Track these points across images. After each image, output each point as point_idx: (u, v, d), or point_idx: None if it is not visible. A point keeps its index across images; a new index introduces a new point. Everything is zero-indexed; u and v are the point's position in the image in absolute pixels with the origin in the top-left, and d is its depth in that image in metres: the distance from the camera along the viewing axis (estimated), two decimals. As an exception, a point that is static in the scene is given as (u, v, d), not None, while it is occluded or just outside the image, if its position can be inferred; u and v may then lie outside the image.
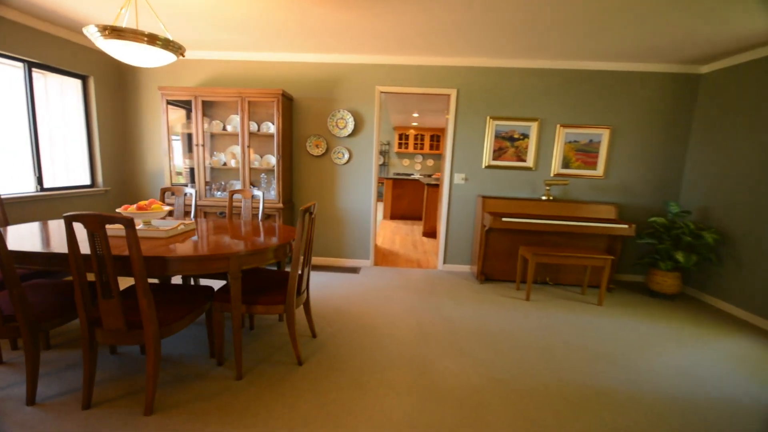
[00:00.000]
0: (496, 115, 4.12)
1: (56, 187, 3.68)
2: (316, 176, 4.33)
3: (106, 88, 4.12)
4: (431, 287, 3.77)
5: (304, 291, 2.39)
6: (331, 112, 4.17)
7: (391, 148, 11.59)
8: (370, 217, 4.35)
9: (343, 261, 4.45)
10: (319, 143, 4.23)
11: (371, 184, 4.29)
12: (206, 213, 4.02)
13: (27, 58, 3.28)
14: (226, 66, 4.21)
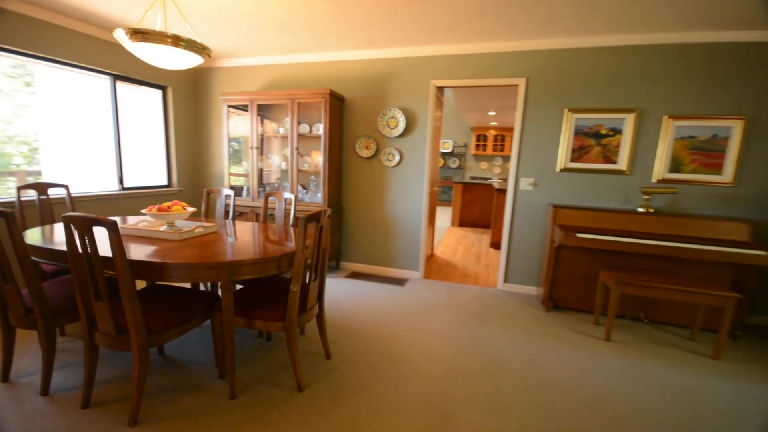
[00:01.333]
0: (577, 106, 3.37)
1: (136, 187, 4.10)
2: (365, 179, 4.10)
3: (182, 96, 4.49)
4: (483, 310, 3.22)
5: (312, 307, 2.14)
6: (381, 111, 3.90)
7: (468, 150, 10.90)
8: (421, 224, 3.95)
9: (389, 271, 4.14)
10: (368, 144, 4.00)
11: (423, 188, 3.90)
12: (258, 215, 4.08)
13: (112, 72, 3.70)
14: (282, 70, 4.25)
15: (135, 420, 1.72)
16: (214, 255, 1.86)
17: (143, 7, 2.92)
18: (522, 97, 3.50)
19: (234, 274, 1.81)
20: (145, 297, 2.00)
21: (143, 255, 1.81)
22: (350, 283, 3.77)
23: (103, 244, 1.87)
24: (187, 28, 3.05)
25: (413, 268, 4.06)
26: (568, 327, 2.95)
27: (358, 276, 4.02)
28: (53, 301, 1.92)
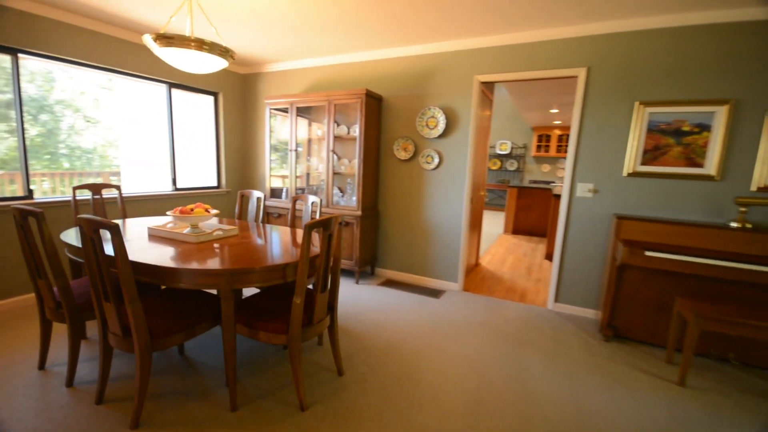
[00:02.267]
0: (651, 99, 2.83)
1: (188, 188, 4.35)
2: (403, 182, 3.90)
3: (232, 102, 4.68)
4: (525, 333, 2.83)
5: (321, 320, 2.00)
6: (420, 111, 3.67)
7: (528, 151, 10.13)
8: (461, 232, 3.64)
9: (425, 281, 3.88)
10: (406, 146, 3.79)
11: (463, 193, 3.59)
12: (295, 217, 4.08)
13: (168, 80, 3.95)
14: (323, 72, 4.21)
15: (136, 423, 1.71)
16: (217, 261, 1.80)
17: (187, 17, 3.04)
18: (581, 89, 3.04)
19: (234, 283, 1.73)
20: (155, 299, 2.02)
21: (151, 258, 1.81)
22: (382, 292, 3.59)
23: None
24: (212, 32, 3.09)
25: (451, 279, 3.76)
26: (631, 363, 2.46)
27: (392, 284, 3.83)
28: (79, 297, 2.02)
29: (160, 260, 1.78)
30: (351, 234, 3.75)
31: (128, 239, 2.20)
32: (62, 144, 3.83)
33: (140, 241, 2.17)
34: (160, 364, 2.23)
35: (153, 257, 1.83)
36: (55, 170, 3.93)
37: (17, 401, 1.84)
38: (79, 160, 3.47)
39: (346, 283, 3.80)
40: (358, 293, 3.52)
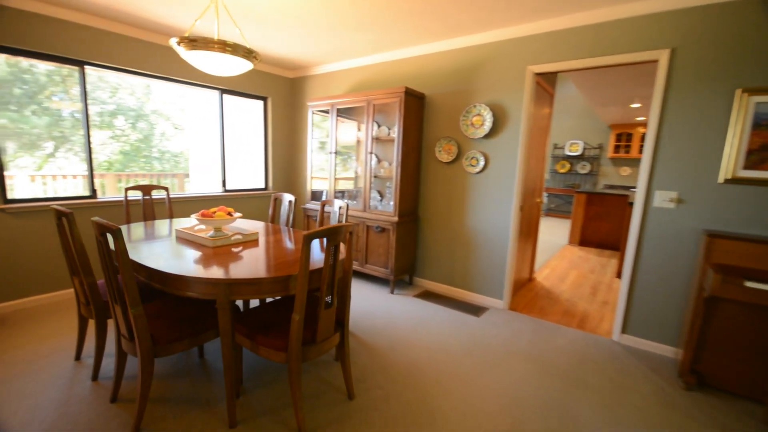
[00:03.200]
0: (758, 85, 2.21)
1: (236, 189, 4.52)
2: (445, 186, 3.60)
3: (280, 106, 4.78)
4: (580, 370, 2.38)
5: (326, 339, 1.82)
6: (465, 109, 3.34)
7: (604, 152, 9.04)
8: (508, 242, 3.24)
9: (467, 295, 3.53)
10: (449, 147, 3.49)
11: (512, 199, 3.18)
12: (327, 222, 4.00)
13: (220, 87, 4.13)
14: (366, 72, 4.08)
15: (137, 428, 1.70)
16: (218, 269, 1.72)
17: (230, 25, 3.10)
18: (662, 76, 2.49)
19: (232, 294, 1.63)
20: (163, 304, 2.00)
21: (161, 263, 1.80)
22: (417, 305, 3.33)
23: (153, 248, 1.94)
24: (243, 35, 3.08)
25: (495, 296, 3.36)
26: (719, 422, 1.91)
27: (429, 297, 3.55)
28: (105, 296, 2.09)
29: (164, 265, 1.75)
30: (387, 241, 3.55)
31: (155, 241, 2.25)
32: (155, 148, 4.28)
33: (164, 243, 2.20)
34: (179, 364, 2.24)
35: (163, 262, 1.81)
36: (148, 171, 4.39)
37: (46, 391, 1.95)
38: (168, 163, 3.81)
39: (379, 291, 3.61)
40: (391, 304, 3.31)
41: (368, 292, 3.59)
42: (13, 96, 2.88)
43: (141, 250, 2.03)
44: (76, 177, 3.30)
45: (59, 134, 3.08)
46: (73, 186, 3.40)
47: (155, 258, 1.87)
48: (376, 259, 3.66)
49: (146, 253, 1.97)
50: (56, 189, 3.41)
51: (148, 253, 1.95)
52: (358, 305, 3.25)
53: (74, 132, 3.18)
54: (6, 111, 2.86)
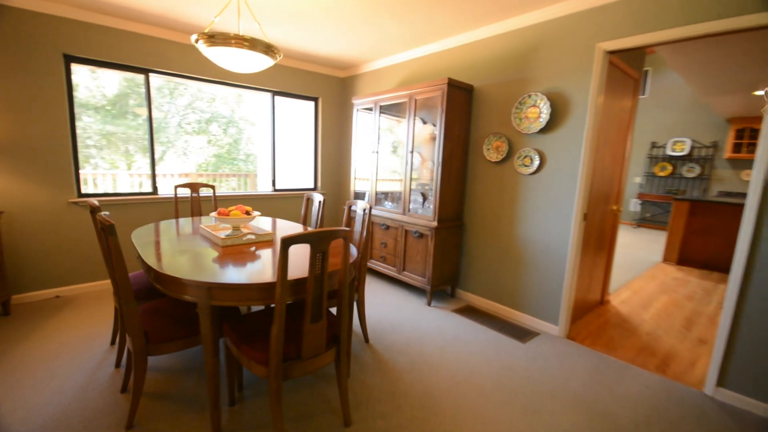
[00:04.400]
0: None
1: (285, 189, 4.61)
2: (493, 189, 3.17)
3: (330, 106, 4.76)
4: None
5: (316, 356, 1.63)
6: (518, 100, 2.89)
7: (720, 152, 7.44)
8: (567, 256, 2.71)
9: (515, 315, 3.05)
10: (499, 145, 3.06)
11: (572, 205, 2.65)
12: (373, 223, 3.82)
13: (272, 89, 4.24)
14: (412, 66, 3.83)
15: (131, 424, 1.70)
16: (201, 271, 1.64)
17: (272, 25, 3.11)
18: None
19: (212, 298, 1.53)
20: (167, 304, 1.98)
21: (155, 260, 1.78)
22: (454, 321, 2.97)
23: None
24: (269, 32, 3.02)
25: (549, 319, 2.84)
26: None
27: (470, 313, 3.15)
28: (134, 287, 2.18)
29: (160, 262, 1.73)
30: (425, 248, 3.25)
31: (179, 237, 2.30)
32: (242, 151, 4.67)
33: (183, 240, 2.23)
34: (197, 360, 2.25)
35: (166, 259, 1.80)
36: (236, 172, 4.79)
37: (73, 374, 2.08)
38: (253, 164, 4.12)
39: (415, 302, 3.32)
40: (424, 318, 3.00)
41: (402, 301, 3.33)
42: (129, 106, 3.35)
43: (157, 245, 2.07)
44: (165, 176, 3.69)
45: (165, 139, 3.56)
46: (166, 183, 3.79)
47: (164, 254, 1.87)
48: (414, 266, 3.38)
49: (162, 248, 1.99)
50: (142, 184, 3.83)
51: (162, 249, 1.97)
52: (387, 315, 3.01)
53: (177, 137, 3.59)
54: (123, 120, 3.31)
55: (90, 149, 3.60)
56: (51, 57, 2.92)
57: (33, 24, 2.80)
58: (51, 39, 2.89)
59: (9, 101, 2.78)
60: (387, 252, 3.65)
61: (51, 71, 2.93)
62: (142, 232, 2.39)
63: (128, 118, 3.46)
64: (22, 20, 2.75)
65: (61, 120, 3.01)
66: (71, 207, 3.16)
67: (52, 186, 3.04)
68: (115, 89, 3.45)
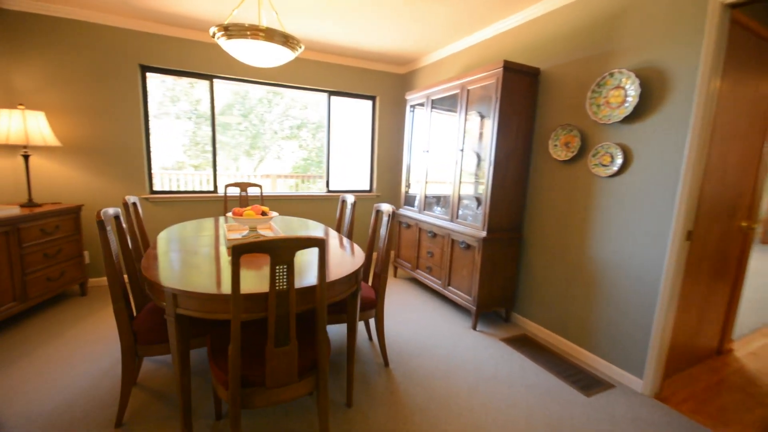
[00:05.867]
0: None
1: (339, 190, 4.52)
2: (560, 195, 2.56)
3: (388, 104, 4.53)
4: None
5: (287, 385, 1.38)
6: (595, 81, 2.27)
7: None
8: (659, 286, 2.01)
9: (582, 355, 2.40)
10: (569, 139, 2.46)
11: (670, 218, 1.95)
12: (420, 229, 3.46)
13: (328, 89, 4.19)
14: (474, 52, 3.37)
15: (120, 421, 1.68)
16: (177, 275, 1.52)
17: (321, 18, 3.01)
18: None
19: (177, 305, 1.39)
20: None
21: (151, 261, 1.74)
22: (502, 352, 2.46)
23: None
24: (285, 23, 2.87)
25: (629, 368, 2.15)
26: None
27: (525, 345, 2.59)
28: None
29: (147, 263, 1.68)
30: (471, 261, 2.79)
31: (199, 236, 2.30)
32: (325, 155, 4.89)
33: (205, 239, 2.21)
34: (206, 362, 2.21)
35: (161, 261, 1.76)
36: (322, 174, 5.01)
37: (95, 363, 2.20)
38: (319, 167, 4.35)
39: (458, 323, 2.86)
40: (463, 344, 2.55)
41: (444, 320, 2.91)
42: (233, 115, 3.74)
43: (168, 246, 2.07)
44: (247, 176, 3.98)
45: (262, 145, 3.95)
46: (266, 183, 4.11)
47: (168, 254, 1.84)
48: (459, 282, 2.94)
49: (175, 247, 1.98)
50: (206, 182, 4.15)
51: (165, 249, 1.96)
52: (421, 335, 2.64)
53: (272, 142, 3.92)
54: (229, 128, 3.70)
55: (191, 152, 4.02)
56: (129, 67, 3.25)
57: (112, 38, 3.15)
58: (128, 51, 3.22)
59: (92, 106, 3.16)
60: (433, 262, 3.27)
61: (128, 80, 3.27)
62: (175, 228, 2.46)
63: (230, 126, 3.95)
64: (103, 34, 3.11)
65: (136, 123, 3.34)
66: (143, 202, 3.49)
67: (127, 182, 3.39)
68: (225, 100, 3.90)
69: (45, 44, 2.94)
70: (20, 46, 2.87)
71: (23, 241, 2.53)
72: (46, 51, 2.94)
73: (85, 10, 2.97)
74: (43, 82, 2.96)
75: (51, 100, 3.00)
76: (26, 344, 2.33)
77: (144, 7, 2.90)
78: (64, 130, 3.08)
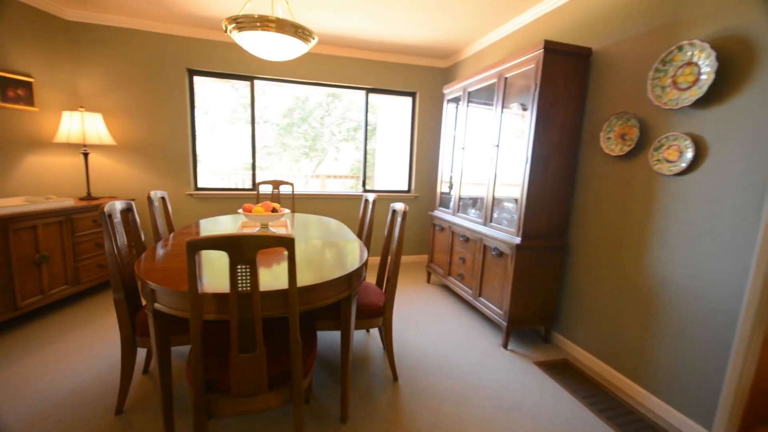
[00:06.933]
0: None
1: (374, 190, 4.40)
2: (614, 198, 2.15)
3: (429, 100, 4.31)
4: None
5: (255, 396, 1.27)
6: (659, 58, 1.85)
7: None
8: (739, 316, 1.55)
9: (635, 392, 1.97)
10: (625, 130, 2.05)
11: (757, 228, 1.50)
12: (453, 233, 3.20)
13: (366, 86, 4.09)
14: (517, 39, 3.03)
15: (121, 409, 1.72)
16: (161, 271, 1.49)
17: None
18: None
19: (155, 300, 1.36)
20: None
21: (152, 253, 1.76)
22: (534, 378, 2.12)
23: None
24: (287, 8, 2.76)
25: (695, 416, 1.70)
26: None
27: (564, 372, 2.21)
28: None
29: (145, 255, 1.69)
30: (503, 270, 2.47)
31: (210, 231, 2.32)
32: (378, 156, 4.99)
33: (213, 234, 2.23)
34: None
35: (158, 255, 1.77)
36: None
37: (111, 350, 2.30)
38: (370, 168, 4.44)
39: (489, 339, 2.56)
40: (489, 364, 2.25)
41: (472, 334, 2.62)
42: (292, 119, 3.96)
43: (173, 239, 2.10)
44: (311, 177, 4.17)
45: (320, 147, 4.14)
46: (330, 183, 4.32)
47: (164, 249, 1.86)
48: (491, 293, 2.63)
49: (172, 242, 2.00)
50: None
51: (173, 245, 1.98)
52: (442, 349, 2.39)
53: (330, 144, 4.08)
54: (290, 130, 3.92)
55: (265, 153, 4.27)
56: (178, 71, 3.47)
57: (162, 44, 3.37)
58: (176, 56, 3.43)
59: (144, 108, 3.42)
60: (465, 270, 2.99)
61: (177, 83, 3.48)
62: (203, 222, 2.52)
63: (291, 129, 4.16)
64: (154, 41, 3.35)
65: (183, 124, 3.55)
66: (188, 198, 3.70)
67: (174, 179, 3.61)
68: (287, 104, 4.12)
69: (103, 52, 3.23)
70: (83, 54, 3.20)
71: (76, 230, 2.79)
72: (104, 58, 3.24)
73: (136, 18, 3.21)
74: (102, 86, 3.27)
75: (108, 102, 3.30)
76: (77, 321, 2.55)
77: (188, 13, 3.05)
78: (120, 130, 3.37)
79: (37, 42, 2.88)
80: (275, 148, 4.22)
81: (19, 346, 2.25)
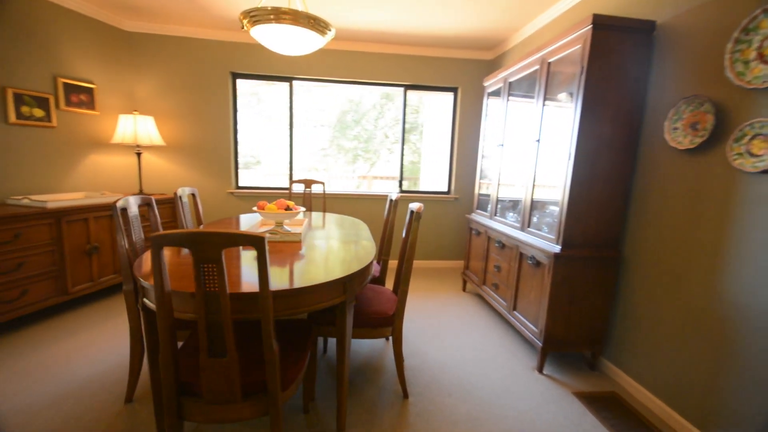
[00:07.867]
0: None
1: (411, 191, 4.23)
2: (681, 201, 1.76)
3: (472, 95, 4.03)
4: None
5: (228, 404, 1.18)
6: (740, 26, 1.46)
7: None
8: None
9: (707, 446, 1.57)
10: (697, 118, 1.66)
11: None
12: (489, 238, 2.92)
13: (404, 83, 3.95)
14: (570, 19, 2.68)
15: (130, 398, 1.76)
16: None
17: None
18: None
19: (145, 296, 1.34)
20: None
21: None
22: (572, 413, 1.81)
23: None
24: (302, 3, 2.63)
25: (789, 491, 1.29)
26: None
27: (611, 406, 1.86)
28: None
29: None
30: (540, 282, 2.17)
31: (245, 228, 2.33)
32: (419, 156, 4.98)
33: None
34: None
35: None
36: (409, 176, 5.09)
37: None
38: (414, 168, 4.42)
39: (522, 360, 2.26)
40: (518, 390, 1.97)
41: (503, 353, 2.34)
42: (345, 120, 4.11)
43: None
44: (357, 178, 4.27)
45: (373, 148, 4.24)
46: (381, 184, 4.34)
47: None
48: (526, 307, 2.33)
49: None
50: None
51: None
52: (466, 367, 2.15)
53: (382, 146, 4.14)
54: (344, 132, 4.06)
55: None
56: (222, 75, 3.63)
57: (207, 49, 3.55)
58: (221, 60, 3.59)
59: (189, 110, 3.62)
60: (500, 279, 2.70)
61: (221, 86, 3.64)
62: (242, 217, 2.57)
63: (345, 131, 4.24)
64: (199, 47, 3.53)
65: (226, 125, 3.71)
66: (229, 196, 3.85)
67: (217, 178, 3.78)
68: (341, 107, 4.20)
69: (156, 59, 3.48)
70: (139, 62, 3.47)
71: (124, 224, 3.00)
72: (156, 64, 3.49)
73: (185, 27, 3.41)
74: (154, 90, 3.52)
75: (160, 105, 3.55)
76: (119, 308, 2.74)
77: (231, 18, 3.16)
78: (169, 131, 3.61)
79: (100, 52, 3.18)
80: (331, 150, 4.23)
81: (68, 327, 2.45)
